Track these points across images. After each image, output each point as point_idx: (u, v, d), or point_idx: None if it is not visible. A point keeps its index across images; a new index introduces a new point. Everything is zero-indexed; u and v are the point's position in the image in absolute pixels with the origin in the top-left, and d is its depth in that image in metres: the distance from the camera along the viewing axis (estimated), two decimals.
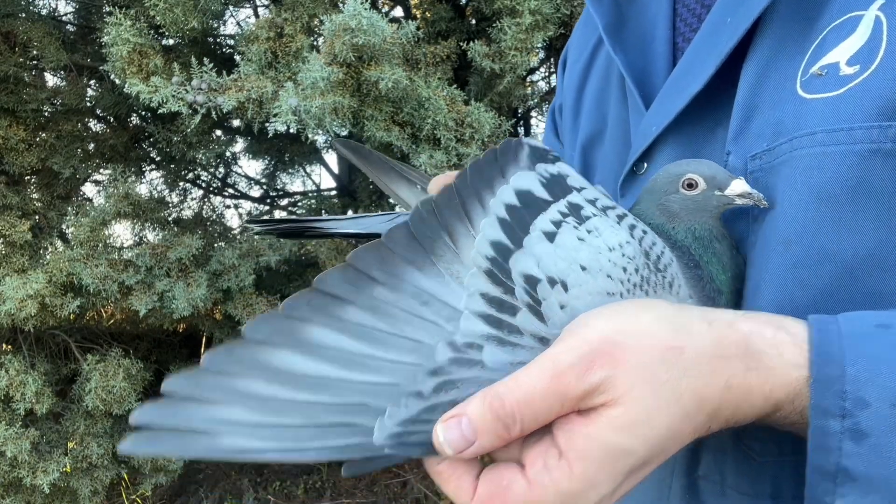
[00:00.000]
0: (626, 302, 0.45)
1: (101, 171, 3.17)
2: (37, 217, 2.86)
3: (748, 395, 0.41)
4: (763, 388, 0.41)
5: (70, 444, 2.79)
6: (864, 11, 0.45)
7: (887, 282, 0.44)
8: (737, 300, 0.52)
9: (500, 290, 0.45)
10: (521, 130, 3.11)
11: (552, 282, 0.45)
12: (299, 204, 3.91)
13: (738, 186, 0.49)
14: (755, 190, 0.49)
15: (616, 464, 0.40)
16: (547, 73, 3.47)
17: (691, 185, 0.50)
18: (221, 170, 3.84)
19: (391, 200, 3.47)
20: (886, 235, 0.43)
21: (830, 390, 0.39)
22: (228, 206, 3.90)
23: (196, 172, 3.67)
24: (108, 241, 2.70)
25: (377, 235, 0.47)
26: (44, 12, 2.91)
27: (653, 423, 0.40)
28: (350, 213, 3.34)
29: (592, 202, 0.51)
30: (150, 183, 3.45)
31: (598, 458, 0.39)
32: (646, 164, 0.63)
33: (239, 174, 3.95)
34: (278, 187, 4.00)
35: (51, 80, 3.03)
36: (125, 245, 2.94)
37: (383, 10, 2.90)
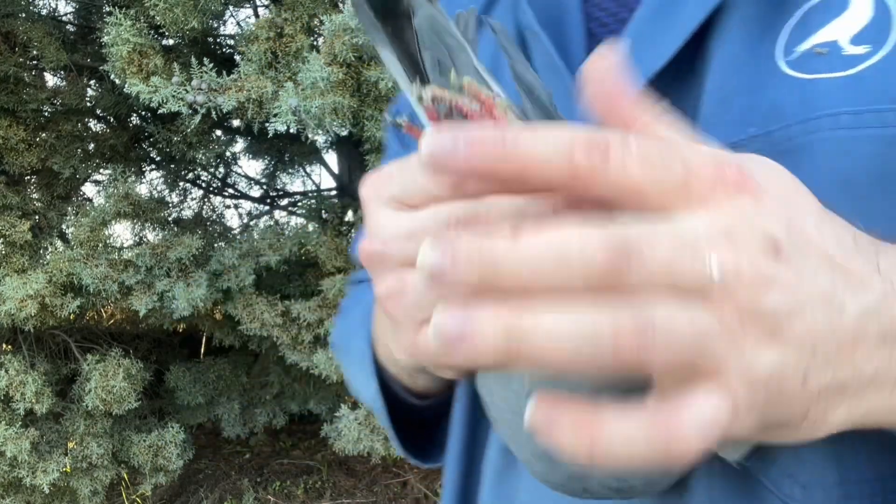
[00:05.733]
0: None
1: (101, 171, 3.17)
2: (37, 217, 2.86)
3: None
4: None
5: (70, 444, 2.80)
6: None
7: None
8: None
9: None
10: None
11: None
12: (299, 204, 3.91)
13: None
14: None
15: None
16: None
17: None
18: (221, 170, 3.84)
19: None
20: None
21: None
22: (228, 206, 3.90)
23: (196, 172, 3.67)
24: (108, 241, 2.70)
25: None
26: (44, 12, 2.91)
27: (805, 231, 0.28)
28: (350, 214, 3.33)
29: None
30: (150, 183, 3.45)
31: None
32: None
33: (239, 174, 3.95)
34: (278, 187, 4.00)
35: (51, 80, 3.03)
36: (125, 245, 2.94)
37: None
